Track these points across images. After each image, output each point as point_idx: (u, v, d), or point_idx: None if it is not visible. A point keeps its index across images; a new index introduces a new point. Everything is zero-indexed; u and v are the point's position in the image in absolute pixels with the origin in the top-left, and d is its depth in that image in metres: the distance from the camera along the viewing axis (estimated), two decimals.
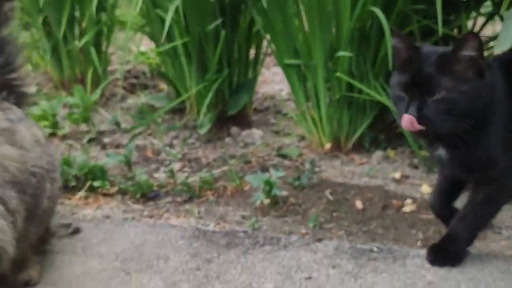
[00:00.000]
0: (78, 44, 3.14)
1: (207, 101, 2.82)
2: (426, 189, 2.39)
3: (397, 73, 1.91)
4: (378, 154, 2.67)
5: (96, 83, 3.14)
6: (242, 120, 3.01)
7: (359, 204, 2.34)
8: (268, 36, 2.79)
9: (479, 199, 1.95)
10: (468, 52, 1.83)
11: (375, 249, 2.02)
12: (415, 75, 1.85)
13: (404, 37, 1.92)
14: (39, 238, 1.94)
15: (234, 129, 2.95)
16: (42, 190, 1.85)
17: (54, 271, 1.95)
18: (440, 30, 2.24)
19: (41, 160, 1.85)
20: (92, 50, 3.11)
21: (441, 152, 1.93)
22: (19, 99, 2.02)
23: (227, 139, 2.88)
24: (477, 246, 2.04)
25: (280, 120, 3.07)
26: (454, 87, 1.81)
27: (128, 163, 2.55)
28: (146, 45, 3.51)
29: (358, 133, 2.68)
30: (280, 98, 3.26)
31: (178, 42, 2.83)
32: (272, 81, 3.49)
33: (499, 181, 1.93)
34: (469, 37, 1.84)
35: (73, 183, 2.44)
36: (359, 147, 2.71)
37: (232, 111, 2.95)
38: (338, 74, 2.60)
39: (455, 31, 2.64)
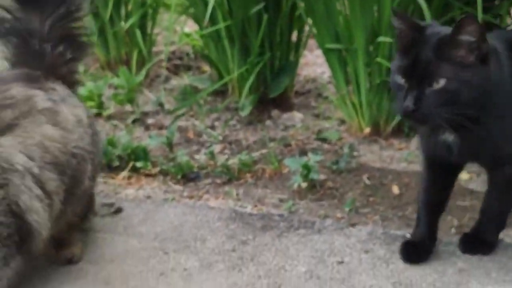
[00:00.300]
0: (124, 25, 3.21)
1: (248, 83, 2.86)
2: (464, 176, 2.39)
3: (398, 57, 1.79)
4: (417, 139, 2.69)
5: (141, 64, 3.20)
6: (283, 103, 3.05)
7: (395, 189, 2.37)
8: (309, 20, 2.81)
9: (498, 184, 1.89)
10: (467, 36, 1.70)
11: (407, 235, 2.04)
12: (414, 60, 1.73)
13: (406, 17, 1.80)
14: (80, 216, 2.01)
15: (275, 112, 2.99)
16: (83, 171, 1.89)
17: (96, 249, 2.03)
18: (480, 16, 2.24)
19: (83, 141, 1.89)
20: (137, 32, 3.17)
21: (448, 137, 1.83)
22: (78, 52, 2.04)
23: (268, 122, 2.93)
24: None
25: (321, 103, 3.09)
26: (454, 74, 1.70)
27: (170, 145, 2.61)
28: (190, 26, 3.56)
29: (397, 118, 2.70)
30: (321, 81, 3.28)
31: (221, 25, 2.88)
32: (314, 63, 3.51)
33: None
34: (465, 22, 1.70)
35: (116, 163, 2.51)
36: (398, 132, 2.73)
37: (273, 94, 2.98)
38: (378, 59, 2.61)
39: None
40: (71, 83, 2.05)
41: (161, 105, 3.00)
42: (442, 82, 1.70)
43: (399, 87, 1.75)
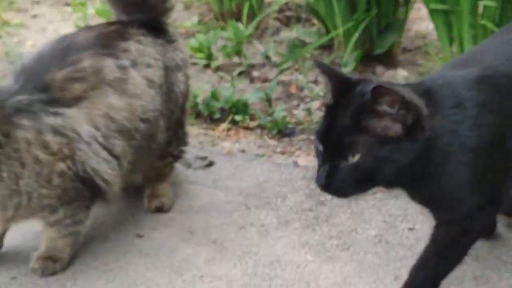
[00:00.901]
0: None
1: (353, 39, 2.90)
2: None
3: (321, 118, 1.56)
4: None
5: (253, 15, 3.29)
6: (388, 60, 3.06)
7: None
8: None
9: (441, 241, 1.67)
10: (385, 107, 1.46)
11: None
12: (332, 126, 1.49)
13: (330, 70, 1.55)
14: (167, 166, 2.18)
15: (379, 68, 3.01)
16: (155, 129, 2.01)
17: (186, 200, 2.21)
18: None
19: (154, 102, 1.99)
20: None
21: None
22: None
23: None
24: None
25: (428, 61, 3.08)
26: (371, 149, 1.46)
27: (269, 100, 2.72)
28: None
29: None
30: (431, 38, 3.25)
31: None
32: (428, 18, 3.46)
33: (465, 221, 1.64)
34: (378, 92, 1.45)
35: (218, 116, 2.66)
36: None
37: (378, 51, 3.01)
38: (483, 21, 2.58)
39: None
40: (163, 12, 2.12)
41: (268, 57, 3.10)
42: (357, 157, 1.48)
43: (318, 153, 1.54)
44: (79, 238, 2.01)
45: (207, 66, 3.03)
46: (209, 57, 3.04)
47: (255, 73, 3.02)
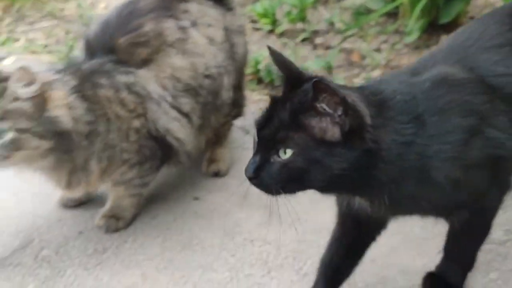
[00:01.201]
0: None
1: (419, 7, 2.88)
2: None
3: (265, 108, 1.46)
4: None
5: None
6: (454, 29, 3.00)
7: None
8: None
9: (457, 229, 1.62)
10: (323, 105, 1.35)
11: None
12: (271, 118, 1.40)
13: (284, 62, 1.45)
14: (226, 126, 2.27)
15: (443, 38, 3.00)
16: (219, 85, 2.10)
17: (241, 165, 2.25)
18: None
19: (216, 59, 2.08)
20: None
21: (357, 200, 1.55)
22: None
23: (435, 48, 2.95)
24: None
25: None
26: (304, 149, 1.36)
27: (329, 68, 2.76)
28: None
29: None
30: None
31: None
32: None
33: (470, 211, 1.57)
34: (318, 87, 1.33)
35: (278, 82, 2.72)
36: None
37: (443, 20, 2.99)
38: None
39: None
40: None
41: (332, 24, 3.12)
42: (288, 154, 1.38)
43: (254, 143, 1.45)
44: (142, 200, 2.12)
45: (271, 31, 3.08)
46: (274, 22, 3.09)
47: (318, 40, 3.06)
